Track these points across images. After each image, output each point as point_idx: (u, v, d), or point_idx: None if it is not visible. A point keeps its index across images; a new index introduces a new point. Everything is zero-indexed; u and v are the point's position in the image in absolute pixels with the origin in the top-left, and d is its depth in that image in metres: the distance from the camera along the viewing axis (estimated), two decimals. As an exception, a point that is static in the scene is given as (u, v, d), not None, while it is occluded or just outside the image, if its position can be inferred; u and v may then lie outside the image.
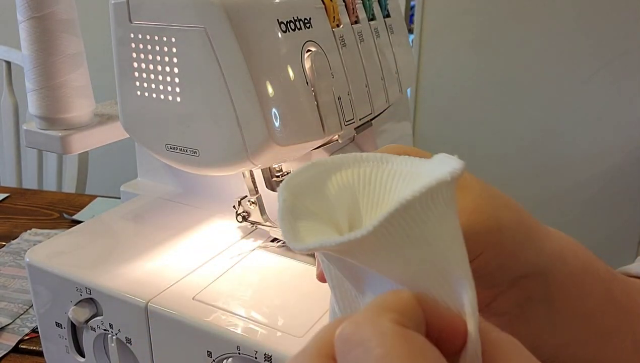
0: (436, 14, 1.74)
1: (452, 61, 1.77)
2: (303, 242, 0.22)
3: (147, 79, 0.45)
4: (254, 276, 0.48)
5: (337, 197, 0.25)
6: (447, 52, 1.77)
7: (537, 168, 1.81)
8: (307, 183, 0.24)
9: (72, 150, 0.55)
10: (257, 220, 0.54)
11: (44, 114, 0.54)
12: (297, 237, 0.22)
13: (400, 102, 0.64)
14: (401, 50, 0.61)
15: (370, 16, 0.55)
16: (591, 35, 1.66)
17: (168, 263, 0.49)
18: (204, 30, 0.41)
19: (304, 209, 0.24)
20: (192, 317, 0.42)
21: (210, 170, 0.46)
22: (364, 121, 0.51)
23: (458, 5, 1.72)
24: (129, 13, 0.45)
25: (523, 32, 1.70)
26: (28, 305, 0.66)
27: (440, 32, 1.76)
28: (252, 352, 0.39)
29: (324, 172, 0.25)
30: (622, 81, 1.69)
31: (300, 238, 0.22)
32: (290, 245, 0.21)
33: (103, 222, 0.58)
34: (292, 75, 0.43)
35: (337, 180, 0.25)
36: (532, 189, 1.83)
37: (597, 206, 1.80)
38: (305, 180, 0.24)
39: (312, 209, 0.24)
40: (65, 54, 0.53)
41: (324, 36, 0.47)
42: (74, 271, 0.48)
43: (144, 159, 0.67)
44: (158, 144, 0.47)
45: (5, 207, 0.94)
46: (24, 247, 0.80)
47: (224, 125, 0.43)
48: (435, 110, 1.83)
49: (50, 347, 0.53)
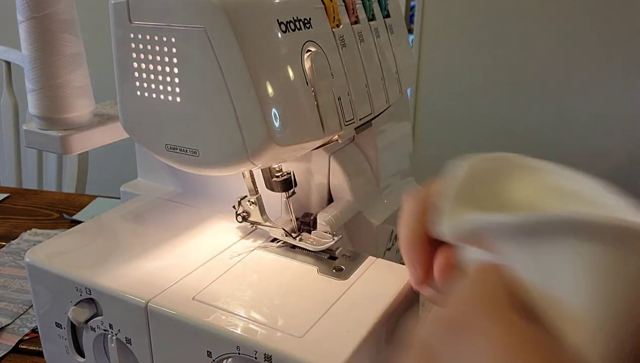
0: (436, 14, 1.74)
1: (452, 61, 1.77)
2: (459, 218, 0.21)
3: (147, 79, 0.45)
4: (254, 276, 0.48)
5: (510, 196, 0.24)
6: (447, 52, 1.77)
7: (537, 168, 1.81)
8: (488, 170, 0.24)
9: (72, 150, 0.55)
10: (257, 220, 0.54)
11: (43, 114, 0.54)
12: (454, 215, 0.21)
13: (400, 102, 0.64)
14: (401, 50, 0.61)
15: (370, 16, 0.55)
16: (592, 35, 1.66)
17: (168, 263, 0.49)
18: (204, 30, 0.41)
19: (471, 193, 0.23)
20: (192, 317, 0.42)
21: (210, 170, 0.46)
22: (364, 121, 0.51)
23: (458, 5, 1.72)
24: (129, 13, 0.45)
25: (523, 32, 1.70)
26: (28, 305, 0.66)
27: (440, 32, 1.76)
28: (252, 352, 0.39)
29: (506, 167, 0.24)
30: (623, 81, 1.69)
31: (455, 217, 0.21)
32: (445, 222, 0.21)
33: (103, 222, 0.58)
34: (292, 75, 0.43)
35: (516, 180, 0.24)
36: (532, 189, 1.83)
37: (597, 206, 1.79)
38: (488, 167, 0.24)
39: (479, 196, 0.23)
40: (65, 54, 0.53)
41: (324, 36, 0.47)
42: (73, 271, 0.48)
43: (144, 159, 0.67)
44: (158, 144, 0.47)
45: (5, 207, 0.94)
46: (24, 247, 0.80)
47: (224, 125, 0.43)
48: (435, 110, 1.83)
49: (50, 347, 0.53)
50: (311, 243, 0.51)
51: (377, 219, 0.59)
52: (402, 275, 0.48)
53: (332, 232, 0.52)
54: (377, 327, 0.41)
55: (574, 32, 1.66)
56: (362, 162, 0.61)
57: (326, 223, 0.53)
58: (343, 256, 0.50)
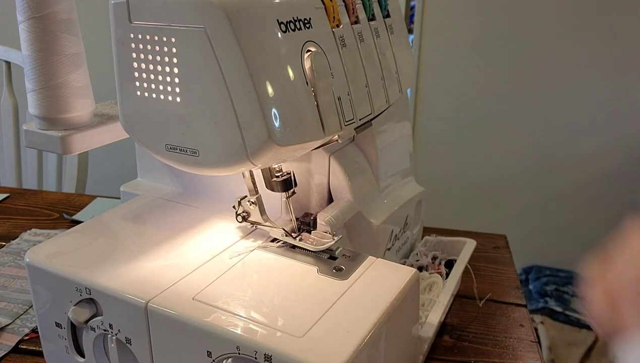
0: (436, 14, 1.74)
1: (452, 61, 1.77)
2: None
3: (147, 79, 0.45)
4: (253, 276, 0.48)
5: None
6: (447, 52, 1.77)
7: (537, 168, 1.81)
8: None
9: (72, 150, 0.55)
10: (257, 220, 0.54)
11: (44, 114, 0.54)
12: None
13: (400, 102, 0.64)
14: (401, 50, 0.61)
15: (370, 16, 0.55)
16: (592, 35, 1.66)
17: (168, 263, 0.49)
18: (204, 30, 0.41)
19: None
20: (192, 317, 0.42)
21: (210, 170, 0.46)
22: (364, 121, 0.51)
23: (458, 5, 1.72)
24: (129, 13, 0.45)
25: (523, 32, 1.70)
26: (28, 305, 0.66)
27: (440, 32, 1.76)
28: (252, 352, 0.39)
29: None
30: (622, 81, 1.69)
31: None
32: None
33: (103, 222, 0.58)
34: (292, 75, 0.43)
35: None
36: (532, 189, 1.83)
37: (598, 206, 1.80)
38: None
39: None
40: (65, 54, 0.53)
41: (324, 36, 0.47)
42: (73, 271, 0.48)
43: (144, 159, 0.67)
44: (158, 144, 0.47)
45: (5, 207, 0.94)
46: (24, 247, 0.80)
47: (224, 125, 0.43)
48: (435, 110, 1.83)
49: (50, 347, 0.53)
50: (311, 243, 0.51)
51: (377, 219, 0.59)
52: (402, 275, 0.48)
53: (332, 232, 0.52)
54: (377, 327, 0.41)
55: (574, 32, 1.66)
56: (362, 162, 0.61)
57: (326, 223, 0.53)
58: (343, 256, 0.50)
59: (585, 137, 1.75)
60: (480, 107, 1.80)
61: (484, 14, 1.71)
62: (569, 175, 1.80)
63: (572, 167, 1.79)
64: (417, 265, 0.67)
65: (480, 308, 0.67)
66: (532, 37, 1.70)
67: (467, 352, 0.59)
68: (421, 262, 0.67)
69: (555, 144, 1.78)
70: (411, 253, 0.69)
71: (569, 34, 1.67)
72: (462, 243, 0.70)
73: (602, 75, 1.69)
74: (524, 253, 1.87)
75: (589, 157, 1.77)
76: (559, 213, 1.83)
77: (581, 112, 1.73)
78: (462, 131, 1.83)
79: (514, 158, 1.81)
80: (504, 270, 0.76)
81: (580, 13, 1.65)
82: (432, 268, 0.66)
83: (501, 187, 1.83)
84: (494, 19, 1.71)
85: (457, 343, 0.61)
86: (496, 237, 0.85)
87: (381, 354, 0.43)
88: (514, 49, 1.72)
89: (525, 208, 1.86)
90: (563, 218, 1.83)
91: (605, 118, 1.73)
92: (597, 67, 1.69)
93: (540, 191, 1.83)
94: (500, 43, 1.72)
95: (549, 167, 1.80)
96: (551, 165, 1.80)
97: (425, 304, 0.59)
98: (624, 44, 1.65)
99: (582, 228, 1.80)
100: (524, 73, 1.74)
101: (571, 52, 1.68)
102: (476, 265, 0.73)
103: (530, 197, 1.84)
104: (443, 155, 1.85)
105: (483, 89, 1.78)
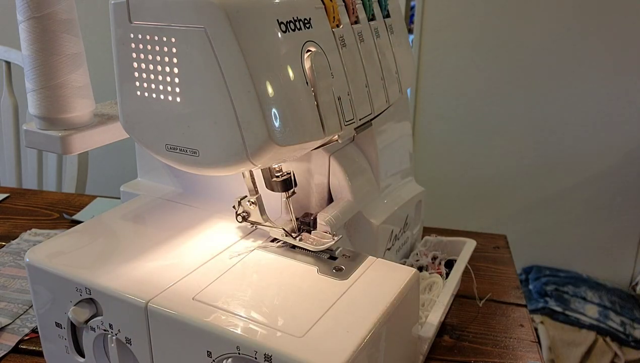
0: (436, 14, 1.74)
1: (452, 61, 1.77)
2: None
3: (147, 79, 0.45)
4: (253, 276, 0.48)
5: None
6: (447, 52, 1.77)
7: (537, 168, 1.81)
8: None
9: (72, 150, 0.55)
10: (257, 220, 0.54)
11: (44, 114, 0.54)
12: None
13: (400, 102, 0.64)
14: (401, 50, 0.61)
15: (370, 16, 0.55)
16: (592, 35, 1.66)
17: (168, 263, 0.49)
18: (204, 30, 0.41)
19: None
20: (192, 317, 0.42)
21: (210, 170, 0.46)
22: (364, 121, 0.51)
23: (458, 5, 1.72)
24: (129, 13, 0.45)
25: (523, 32, 1.70)
26: (28, 305, 0.66)
27: (440, 32, 1.76)
28: (252, 352, 0.39)
29: None
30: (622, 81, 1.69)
31: None
32: None
33: (103, 222, 0.58)
34: (292, 75, 0.43)
35: None
36: (532, 189, 1.83)
37: (598, 206, 1.80)
38: None
39: None
40: (65, 54, 0.53)
41: (324, 36, 0.47)
42: (73, 271, 0.48)
43: (144, 159, 0.67)
44: (158, 144, 0.47)
45: (5, 207, 0.95)
46: (24, 247, 0.80)
47: (224, 125, 0.43)
48: (435, 110, 1.83)
49: (50, 347, 0.53)
50: (311, 243, 0.51)
51: (377, 219, 0.59)
52: (402, 275, 0.48)
53: (332, 232, 0.52)
54: (377, 327, 0.41)
55: (574, 32, 1.66)
56: (362, 162, 0.61)
57: (326, 223, 0.53)
58: (343, 256, 0.50)
59: (585, 137, 1.75)
60: (480, 107, 1.79)
61: (484, 14, 1.71)
62: (569, 175, 1.80)
63: (572, 167, 1.79)
64: (417, 265, 0.67)
65: (480, 308, 0.67)
66: (532, 38, 1.70)
67: (467, 352, 0.59)
68: (421, 262, 0.67)
69: (555, 144, 1.78)
70: (411, 253, 0.69)
71: (569, 34, 1.67)
72: (462, 243, 0.70)
73: (602, 75, 1.69)
74: (524, 253, 1.87)
75: (589, 157, 1.77)
76: (559, 213, 1.83)
77: (581, 112, 1.73)
78: (462, 131, 1.83)
79: (514, 158, 1.81)
80: (504, 270, 0.76)
81: (580, 13, 1.65)
82: (432, 268, 0.66)
83: (501, 187, 1.83)
84: (494, 19, 1.71)
85: (457, 343, 0.61)
86: (496, 237, 0.85)
87: (381, 354, 0.43)
88: (514, 49, 1.72)
89: (525, 208, 1.86)
90: (563, 219, 1.83)
91: (605, 118, 1.73)
92: (596, 67, 1.69)
93: (540, 191, 1.83)
94: (500, 43, 1.72)
95: (549, 167, 1.80)
96: (551, 165, 1.80)
97: (425, 304, 0.59)
98: (624, 44, 1.65)
99: (582, 228, 1.80)
100: (524, 73, 1.73)
101: (571, 52, 1.68)
102: (476, 265, 0.73)
103: (530, 197, 1.84)
104: (443, 155, 1.85)
105: (483, 89, 1.78)
